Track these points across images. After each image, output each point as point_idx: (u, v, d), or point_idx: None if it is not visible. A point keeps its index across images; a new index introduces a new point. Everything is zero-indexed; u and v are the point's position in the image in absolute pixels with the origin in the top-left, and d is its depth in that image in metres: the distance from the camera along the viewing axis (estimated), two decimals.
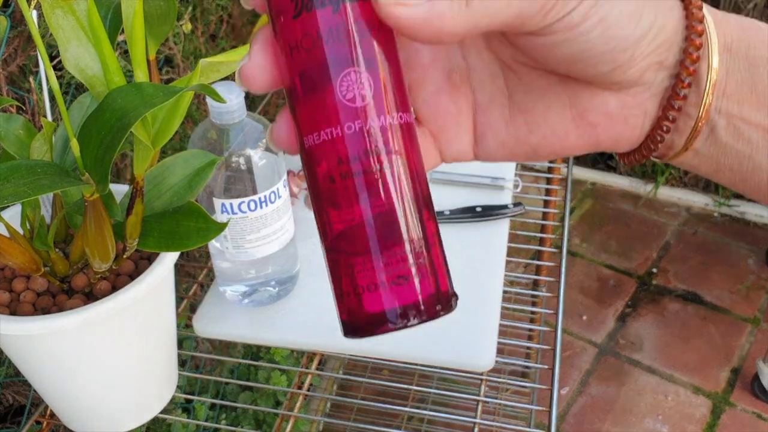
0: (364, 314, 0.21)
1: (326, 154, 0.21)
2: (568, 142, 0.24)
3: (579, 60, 0.22)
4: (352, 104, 0.20)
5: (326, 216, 0.21)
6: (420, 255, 0.21)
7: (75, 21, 0.37)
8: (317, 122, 0.21)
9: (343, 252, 0.21)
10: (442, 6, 0.20)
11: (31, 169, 0.35)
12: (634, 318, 1.51)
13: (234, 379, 0.69)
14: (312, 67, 0.20)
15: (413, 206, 0.21)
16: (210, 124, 0.53)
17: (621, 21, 0.21)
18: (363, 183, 0.21)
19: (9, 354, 0.45)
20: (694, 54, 0.22)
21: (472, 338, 0.58)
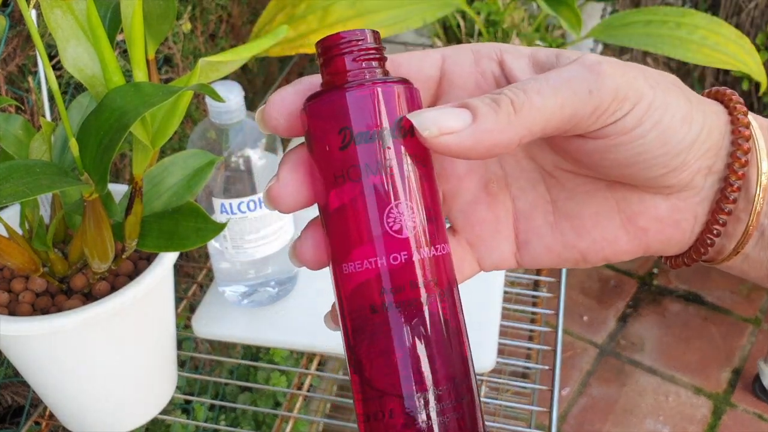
0: None
1: (368, 283, 0.21)
2: (619, 246, 0.24)
3: (633, 164, 0.21)
4: (399, 235, 0.21)
5: (359, 347, 0.21)
6: (459, 396, 0.21)
7: (74, 20, 0.37)
8: (361, 248, 0.21)
9: (376, 389, 0.21)
10: (488, 122, 0.19)
11: (30, 169, 0.35)
12: (635, 318, 1.50)
13: (233, 380, 0.69)
14: (358, 196, 0.21)
15: (456, 341, 0.21)
16: (209, 124, 0.53)
17: (675, 124, 0.21)
18: (410, 314, 0.21)
19: (8, 354, 0.45)
20: (743, 158, 0.22)
21: (473, 339, 0.58)
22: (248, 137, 0.53)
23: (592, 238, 0.24)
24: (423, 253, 0.21)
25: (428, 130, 0.20)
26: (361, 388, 0.21)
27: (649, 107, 0.20)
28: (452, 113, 0.20)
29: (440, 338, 0.21)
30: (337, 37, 0.22)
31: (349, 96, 0.21)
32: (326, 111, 0.21)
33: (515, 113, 0.20)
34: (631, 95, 0.20)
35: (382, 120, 0.21)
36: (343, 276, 0.21)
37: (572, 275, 1.59)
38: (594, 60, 0.20)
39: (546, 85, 0.20)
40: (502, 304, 0.62)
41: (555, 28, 0.91)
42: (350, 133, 0.21)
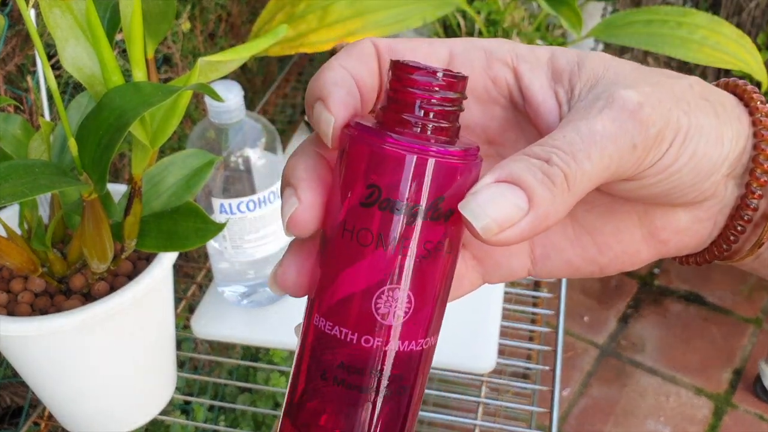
0: None
1: (331, 348, 0.19)
2: (639, 258, 0.23)
3: (666, 195, 0.21)
4: (383, 321, 0.19)
5: (299, 398, 0.20)
6: None
7: (73, 20, 0.37)
8: (340, 312, 0.19)
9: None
10: (545, 206, 0.18)
11: (28, 169, 0.35)
12: (635, 319, 1.50)
13: (233, 381, 0.68)
14: (359, 260, 0.19)
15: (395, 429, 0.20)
16: (208, 124, 0.53)
17: (709, 150, 0.20)
18: (354, 398, 0.19)
19: (6, 355, 0.45)
20: (765, 164, 0.21)
21: (473, 340, 0.58)
22: (247, 137, 0.53)
23: (614, 253, 0.23)
24: (402, 346, 0.19)
25: (488, 229, 0.18)
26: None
27: (684, 140, 0.19)
28: (506, 199, 0.18)
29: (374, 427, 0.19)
30: (425, 72, 0.18)
31: (393, 153, 0.18)
32: (365, 153, 0.18)
33: (569, 189, 0.18)
34: (668, 134, 0.19)
35: (422, 196, 0.18)
36: (313, 324, 0.20)
37: None
38: (635, 105, 0.19)
39: (594, 147, 0.18)
40: (503, 304, 0.62)
41: (555, 27, 0.90)
42: (378, 194, 0.18)
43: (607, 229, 0.23)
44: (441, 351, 0.65)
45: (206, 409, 0.88)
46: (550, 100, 0.21)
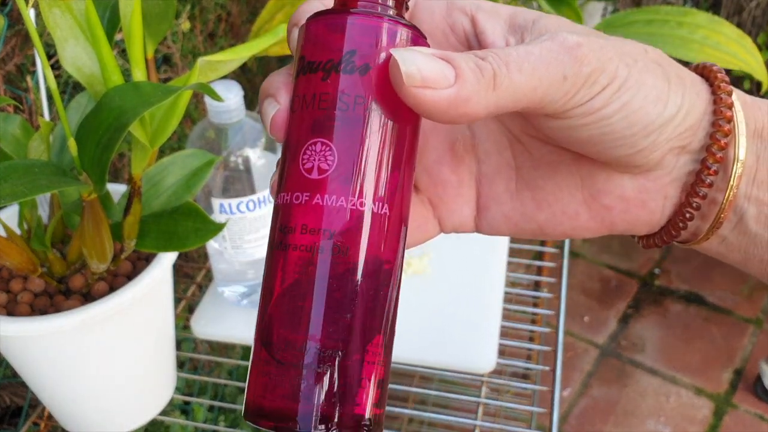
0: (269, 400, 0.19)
1: (277, 217, 0.20)
2: (579, 222, 0.23)
3: (597, 143, 0.21)
4: (308, 174, 0.19)
5: (266, 272, 0.20)
6: (331, 354, 0.19)
7: (73, 20, 0.37)
8: (282, 180, 0.20)
9: (272, 321, 0.20)
10: (468, 90, 0.19)
11: (28, 169, 0.35)
12: (636, 319, 1.50)
13: (233, 381, 0.68)
14: (293, 124, 0.20)
15: (342, 305, 0.19)
16: (208, 124, 0.52)
17: (646, 105, 0.20)
18: (296, 261, 0.19)
19: (6, 355, 0.45)
20: (722, 140, 0.21)
21: (473, 340, 0.58)
22: (247, 137, 0.53)
23: (551, 211, 0.23)
24: (330, 202, 0.19)
25: (410, 72, 0.18)
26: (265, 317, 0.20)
27: (619, 88, 0.20)
28: (438, 66, 0.19)
29: (318, 291, 0.19)
30: None
31: (315, 25, 0.20)
32: (300, 37, 0.20)
33: (494, 88, 0.19)
34: (602, 79, 0.20)
35: (334, 51, 0.19)
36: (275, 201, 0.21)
37: (573, 276, 1.59)
38: (574, 43, 0.20)
39: (527, 63, 0.19)
40: (503, 304, 0.62)
41: None
42: (302, 62, 0.20)
43: (548, 186, 0.23)
44: (441, 351, 0.65)
45: (206, 410, 0.88)
46: (500, 44, 0.22)
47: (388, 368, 0.20)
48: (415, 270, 0.65)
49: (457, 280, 0.64)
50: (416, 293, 0.62)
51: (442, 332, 0.59)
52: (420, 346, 0.58)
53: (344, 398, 0.19)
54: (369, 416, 0.19)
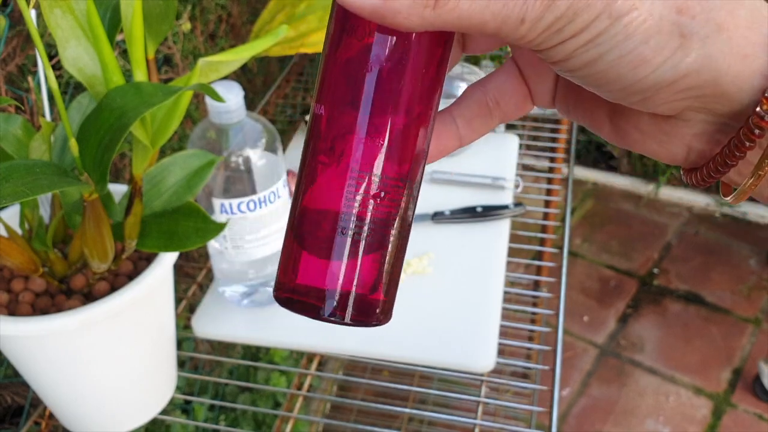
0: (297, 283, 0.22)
1: (324, 132, 0.21)
2: (603, 132, 0.23)
3: (581, 84, 0.20)
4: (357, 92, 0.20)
5: (302, 184, 0.22)
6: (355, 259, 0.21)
7: (74, 20, 0.37)
8: (321, 94, 0.21)
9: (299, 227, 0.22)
10: (398, 3, 0.18)
11: (29, 169, 0.35)
12: (635, 319, 1.50)
13: (233, 380, 0.69)
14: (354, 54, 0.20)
15: (380, 219, 0.21)
16: (209, 124, 0.53)
17: (618, 68, 0.18)
18: (332, 173, 0.21)
19: (7, 355, 0.45)
20: (766, 118, 0.18)
21: (473, 339, 0.58)
22: (248, 137, 0.53)
23: (582, 114, 0.23)
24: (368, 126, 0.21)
25: None
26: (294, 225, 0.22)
27: (586, 43, 0.18)
28: None
29: (360, 211, 0.21)
30: None
31: None
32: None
33: (434, 8, 0.18)
34: (568, 28, 0.18)
35: None
36: (313, 112, 0.22)
37: (572, 276, 1.59)
38: None
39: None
40: (502, 304, 0.62)
41: None
42: None
43: (583, 90, 0.22)
44: (441, 350, 0.65)
45: (206, 409, 0.88)
46: None
47: (399, 268, 0.23)
48: (415, 270, 0.65)
49: (457, 280, 0.64)
50: (416, 293, 0.62)
51: (442, 332, 0.59)
52: (420, 346, 0.58)
53: (362, 286, 0.21)
54: (381, 303, 0.22)
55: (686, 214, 1.78)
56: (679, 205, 1.81)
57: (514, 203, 0.72)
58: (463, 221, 0.70)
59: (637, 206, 1.81)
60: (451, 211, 0.70)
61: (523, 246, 0.73)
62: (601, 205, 1.82)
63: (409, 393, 0.96)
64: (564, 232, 0.72)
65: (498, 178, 0.75)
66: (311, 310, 0.21)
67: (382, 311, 0.22)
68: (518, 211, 0.71)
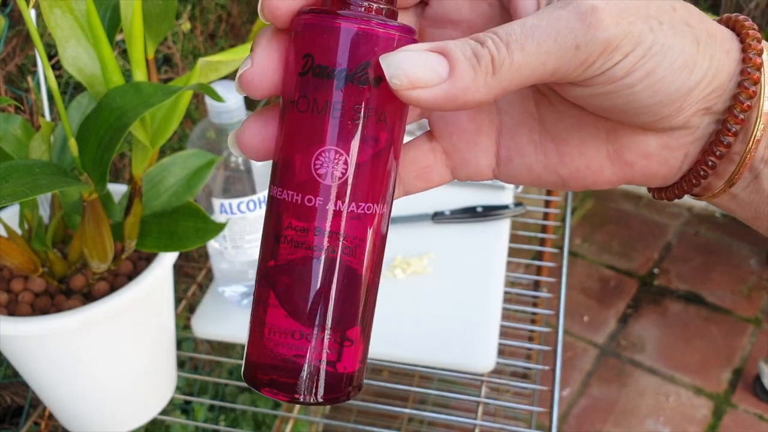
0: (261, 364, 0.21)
1: (282, 212, 0.21)
2: (602, 177, 0.23)
3: (621, 111, 0.20)
4: (321, 180, 0.20)
5: (261, 258, 0.22)
6: (335, 339, 0.21)
7: (73, 20, 0.37)
8: (287, 177, 0.21)
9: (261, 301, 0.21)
10: (464, 81, 0.18)
11: (29, 169, 0.35)
12: (635, 319, 1.50)
13: (233, 380, 0.69)
14: (300, 125, 0.20)
15: (344, 292, 0.21)
16: (209, 124, 0.53)
17: (672, 73, 0.19)
18: (304, 256, 0.20)
19: (7, 355, 0.45)
20: (745, 102, 0.20)
21: (473, 339, 0.58)
22: None
23: (576, 166, 0.23)
24: (342, 207, 0.20)
25: (398, 80, 0.19)
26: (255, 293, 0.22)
27: (643, 56, 0.19)
28: (427, 63, 0.18)
29: (323, 289, 0.20)
30: None
31: (321, 24, 0.20)
32: (303, 29, 0.20)
33: (493, 74, 0.18)
34: (624, 44, 0.19)
35: (348, 60, 0.19)
36: (269, 194, 0.21)
37: (573, 276, 1.59)
38: (589, 7, 0.18)
39: (530, 40, 0.18)
40: (503, 304, 0.62)
41: None
42: (311, 62, 0.20)
43: (573, 140, 0.23)
44: (441, 351, 0.65)
45: (206, 409, 0.88)
46: (531, 8, 0.21)
47: (367, 344, 0.22)
48: (416, 270, 0.65)
49: (457, 280, 0.64)
50: (416, 293, 0.62)
51: (442, 332, 0.59)
52: (420, 346, 0.58)
53: (332, 366, 0.21)
54: (354, 381, 0.22)
55: (686, 214, 1.78)
56: (679, 205, 1.81)
57: (514, 203, 0.72)
58: (463, 221, 0.70)
59: (637, 206, 1.81)
60: (451, 211, 0.70)
61: (523, 246, 0.73)
62: (601, 205, 1.82)
63: (408, 393, 0.96)
64: (564, 232, 0.72)
65: None
66: (287, 391, 0.21)
67: (358, 383, 0.22)
68: (518, 211, 0.71)
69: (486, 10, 0.22)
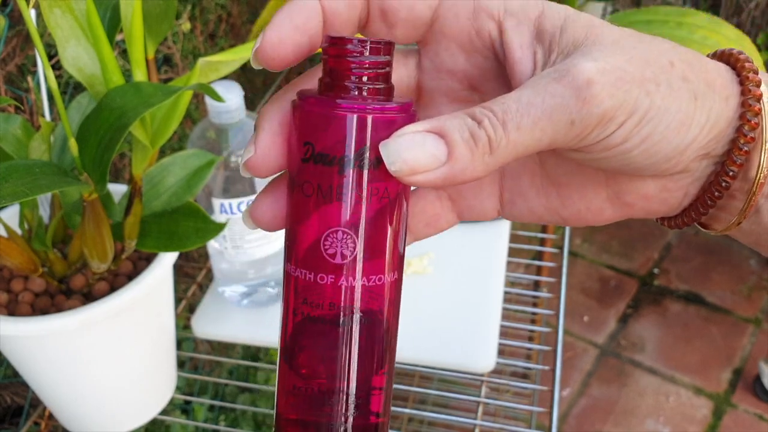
0: None
1: (298, 289, 0.21)
2: (602, 217, 0.23)
3: (617, 169, 0.21)
4: (332, 260, 0.21)
5: (282, 337, 0.22)
6: (347, 405, 0.22)
7: (73, 20, 0.37)
8: (299, 257, 0.21)
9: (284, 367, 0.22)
10: (462, 162, 0.19)
11: (29, 169, 0.35)
12: (635, 319, 1.50)
13: (233, 380, 0.69)
14: (306, 212, 0.21)
15: (365, 368, 0.22)
16: (209, 124, 0.53)
17: (668, 135, 0.20)
18: (321, 331, 0.21)
19: (7, 355, 0.45)
20: (744, 148, 0.20)
21: (473, 339, 0.58)
22: (248, 137, 0.53)
23: (576, 208, 0.24)
24: (351, 282, 0.21)
25: (397, 167, 0.19)
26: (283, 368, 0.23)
27: (639, 122, 0.19)
28: (425, 148, 0.19)
29: (343, 356, 0.21)
30: (341, 41, 0.20)
31: (318, 113, 0.20)
32: (301, 116, 0.21)
33: (491, 153, 0.19)
34: (619, 115, 0.19)
35: (347, 147, 0.20)
36: (285, 270, 0.22)
37: (573, 276, 1.59)
38: (584, 81, 0.19)
39: (526, 118, 0.19)
40: (503, 304, 0.62)
41: None
42: (312, 150, 0.20)
43: (573, 185, 0.23)
44: (441, 351, 0.65)
45: (206, 409, 0.88)
46: (527, 60, 0.21)
47: (390, 389, 0.23)
48: (416, 270, 0.65)
49: (457, 280, 0.64)
50: (416, 293, 0.62)
51: (442, 332, 0.59)
52: (420, 346, 0.58)
53: (358, 416, 0.22)
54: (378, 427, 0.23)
55: None
56: None
57: None
58: (463, 221, 0.70)
59: None
60: None
61: (523, 246, 0.73)
62: None
63: (409, 393, 0.96)
64: (564, 232, 0.72)
65: None
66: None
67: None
68: None
69: (481, 61, 0.23)
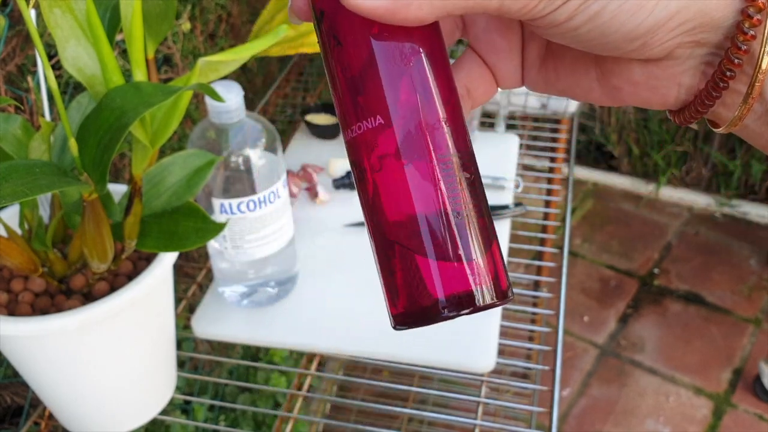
0: (420, 304, 0.21)
1: (384, 140, 0.21)
2: (593, 96, 0.24)
3: (579, 46, 0.21)
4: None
5: (379, 201, 0.22)
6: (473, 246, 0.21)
7: (73, 20, 0.37)
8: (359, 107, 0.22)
9: (398, 242, 0.22)
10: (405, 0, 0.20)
11: (29, 169, 0.35)
12: (635, 319, 1.50)
13: (233, 380, 0.69)
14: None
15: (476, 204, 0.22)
16: (209, 124, 0.53)
17: (619, 16, 0.20)
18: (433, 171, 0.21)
19: (7, 355, 0.45)
20: (749, 32, 0.20)
21: (473, 339, 0.58)
22: (248, 137, 0.53)
23: (568, 83, 0.24)
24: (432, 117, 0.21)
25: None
26: (384, 244, 0.22)
27: (584, 1, 0.19)
28: None
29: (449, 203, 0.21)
30: None
31: None
32: None
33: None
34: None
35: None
36: (347, 141, 0.23)
37: (573, 276, 1.59)
38: None
39: None
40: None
41: None
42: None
43: (566, 58, 0.24)
44: (441, 351, 0.65)
45: (206, 409, 0.88)
46: None
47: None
48: None
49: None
50: None
51: (442, 332, 0.59)
52: (420, 346, 0.58)
53: (496, 276, 0.22)
54: (508, 285, 0.23)
55: (686, 214, 1.78)
56: (680, 205, 1.81)
57: (514, 203, 0.72)
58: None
59: (637, 206, 1.81)
60: None
61: (523, 246, 0.73)
62: (601, 205, 1.82)
63: (409, 393, 0.96)
64: (564, 232, 0.72)
65: (498, 178, 0.75)
66: (467, 305, 0.21)
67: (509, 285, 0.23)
68: (518, 211, 0.71)
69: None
